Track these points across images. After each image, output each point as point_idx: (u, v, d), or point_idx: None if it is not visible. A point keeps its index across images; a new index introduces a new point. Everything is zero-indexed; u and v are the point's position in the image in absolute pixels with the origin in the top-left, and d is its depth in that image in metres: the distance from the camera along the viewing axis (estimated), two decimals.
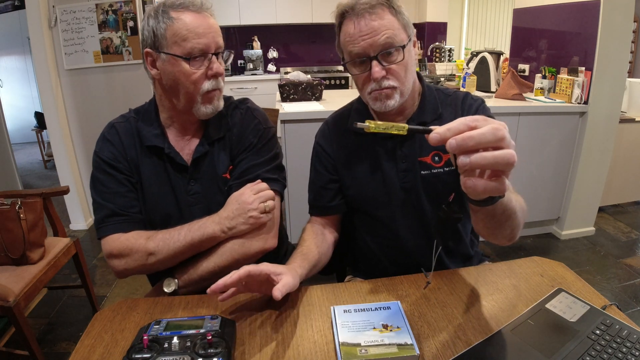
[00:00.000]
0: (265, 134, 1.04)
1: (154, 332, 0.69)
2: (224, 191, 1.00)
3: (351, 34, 0.88)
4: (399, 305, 0.78)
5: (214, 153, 1.00)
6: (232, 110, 1.05)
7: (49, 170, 4.50)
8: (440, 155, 0.99)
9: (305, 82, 2.52)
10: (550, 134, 2.46)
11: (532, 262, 0.96)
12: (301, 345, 0.72)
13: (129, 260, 0.90)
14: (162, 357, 0.62)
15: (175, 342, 0.65)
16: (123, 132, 0.99)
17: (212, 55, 0.91)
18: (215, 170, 1.00)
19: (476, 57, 2.84)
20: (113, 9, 2.56)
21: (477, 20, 5.07)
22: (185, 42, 0.87)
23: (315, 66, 5.08)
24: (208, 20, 0.90)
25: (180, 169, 0.98)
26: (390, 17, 0.88)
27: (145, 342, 0.64)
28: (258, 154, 1.01)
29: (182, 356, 0.62)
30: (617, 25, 2.25)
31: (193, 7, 0.89)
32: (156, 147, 0.97)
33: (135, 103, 1.08)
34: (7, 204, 1.52)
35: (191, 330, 0.69)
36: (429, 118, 0.99)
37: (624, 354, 0.66)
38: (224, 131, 1.02)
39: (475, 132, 0.52)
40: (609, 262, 2.42)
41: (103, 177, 0.95)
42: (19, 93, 5.47)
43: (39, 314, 1.97)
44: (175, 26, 0.87)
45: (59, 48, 2.61)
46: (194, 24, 0.88)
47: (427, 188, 0.99)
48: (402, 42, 0.89)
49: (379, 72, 0.88)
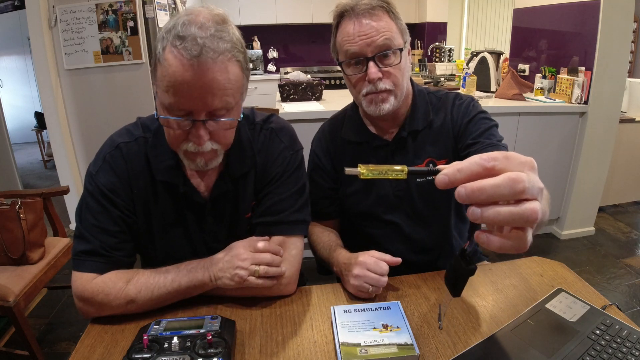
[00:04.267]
0: (292, 161, 0.89)
1: (154, 332, 0.68)
2: (246, 232, 0.89)
3: (350, 33, 0.88)
4: (399, 305, 0.78)
5: (238, 191, 0.87)
6: (258, 133, 0.89)
7: (49, 170, 4.50)
8: (435, 162, 0.99)
9: (305, 82, 2.52)
10: (550, 134, 2.45)
11: (532, 262, 0.96)
12: (301, 345, 0.72)
13: (104, 308, 0.76)
14: (162, 357, 0.62)
15: (175, 342, 0.65)
16: (130, 157, 0.83)
17: (193, 122, 0.71)
18: (237, 210, 0.88)
19: (476, 57, 2.84)
20: (113, 9, 2.56)
21: (477, 20, 5.06)
22: (166, 95, 0.69)
23: (315, 66, 5.07)
24: (203, 77, 0.66)
25: (196, 207, 0.86)
26: (389, 21, 0.89)
27: (145, 342, 0.64)
28: (283, 186, 0.88)
29: (182, 356, 0.62)
30: (617, 25, 2.24)
31: (188, 51, 0.65)
32: (170, 182, 0.83)
33: (135, 103, 1.06)
34: (7, 204, 1.52)
35: (191, 330, 0.69)
36: (420, 125, 0.99)
37: (624, 354, 0.66)
38: (250, 165, 0.87)
39: (488, 184, 0.39)
40: (609, 262, 2.42)
41: (94, 207, 0.80)
42: (19, 93, 5.47)
43: (39, 314, 1.97)
44: (160, 69, 0.69)
45: (59, 48, 2.61)
46: (176, 77, 0.66)
47: (423, 195, 1.00)
48: (399, 45, 0.89)
49: (375, 74, 0.87)
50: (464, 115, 0.98)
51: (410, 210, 1.02)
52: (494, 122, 0.97)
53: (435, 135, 1.00)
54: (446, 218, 1.04)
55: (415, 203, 1.01)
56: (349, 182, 1.04)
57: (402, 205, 1.02)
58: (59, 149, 2.75)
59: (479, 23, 5.05)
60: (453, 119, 0.99)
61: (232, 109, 0.74)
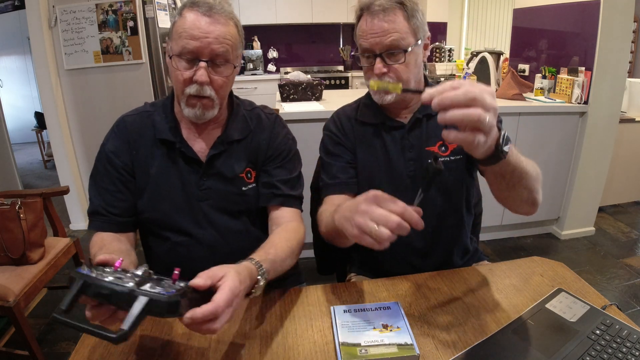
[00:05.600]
0: (293, 146, 1.07)
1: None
2: (240, 190, 1.00)
3: (363, 30, 0.96)
4: (399, 305, 0.78)
5: (231, 153, 1.00)
6: (256, 113, 1.05)
7: (49, 170, 4.50)
8: (447, 146, 1.03)
9: (305, 82, 2.52)
10: (550, 134, 2.45)
11: (532, 262, 0.97)
12: (301, 345, 0.72)
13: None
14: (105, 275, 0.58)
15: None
16: (132, 125, 0.99)
17: (198, 62, 0.87)
18: (232, 169, 0.99)
19: (476, 57, 2.84)
20: (113, 9, 2.56)
21: (477, 20, 5.06)
22: (179, 40, 0.87)
23: (315, 66, 5.07)
24: (212, 24, 0.87)
25: (193, 164, 0.97)
26: (402, 21, 0.93)
27: (118, 265, 0.61)
28: (286, 167, 1.03)
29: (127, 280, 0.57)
30: (617, 25, 2.24)
31: (201, 8, 0.87)
32: (168, 140, 0.96)
33: (135, 103, 1.08)
34: (7, 204, 1.52)
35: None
36: (432, 110, 0.99)
37: (624, 354, 0.66)
38: (244, 134, 1.01)
39: (451, 93, 0.58)
40: (609, 262, 2.42)
41: (100, 169, 0.96)
42: (19, 93, 5.47)
43: (39, 314, 1.97)
44: (178, 22, 0.89)
45: (59, 48, 2.61)
46: (192, 25, 0.87)
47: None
48: (407, 45, 0.94)
49: (380, 69, 0.95)
50: None
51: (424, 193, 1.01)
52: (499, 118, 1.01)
53: None
54: (459, 210, 1.05)
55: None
56: (364, 162, 1.06)
57: (414, 185, 1.01)
58: (59, 149, 2.75)
59: (479, 23, 5.05)
60: None
61: (229, 60, 0.90)
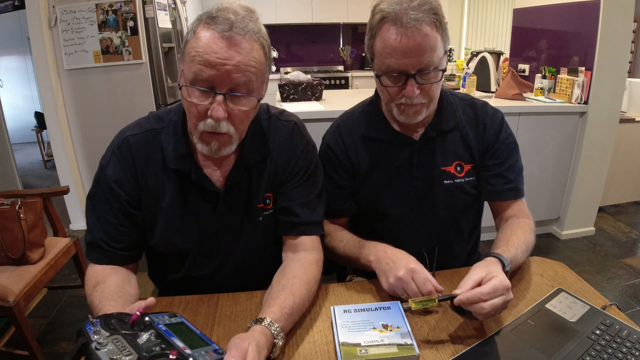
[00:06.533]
0: (313, 157, 0.93)
1: (159, 320, 0.62)
2: (257, 222, 0.90)
3: (393, 47, 0.81)
4: (399, 305, 0.78)
5: (251, 180, 0.88)
6: (274, 125, 0.91)
7: (49, 170, 4.50)
8: (462, 165, 1.00)
9: (305, 82, 2.52)
10: (550, 134, 2.45)
11: (532, 262, 0.96)
12: (301, 345, 0.72)
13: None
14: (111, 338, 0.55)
15: (147, 337, 0.57)
16: (137, 147, 0.84)
17: (215, 94, 0.72)
18: (251, 199, 0.89)
19: (476, 57, 2.84)
20: (113, 9, 2.56)
21: (477, 20, 5.06)
22: (192, 65, 0.72)
23: (315, 66, 5.07)
24: (232, 48, 0.71)
25: (210, 195, 0.86)
26: (436, 35, 0.82)
27: (134, 317, 0.59)
28: (305, 186, 0.90)
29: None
30: (617, 25, 2.24)
31: (219, 26, 0.71)
32: (181, 170, 0.84)
33: (135, 103, 1.06)
34: (7, 204, 1.51)
35: (180, 343, 0.59)
36: (448, 126, 0.99)
37: (624, 354, 0.66)
38: (264, 153, 0.88)
39: (489, 305, 0.69)
40: (609, 262, 2.41)
41: (101, 196, 0.84)
42: (19, 93, 5.46)
43: (39, 314, 1.97)
44: (191, 42, 0.73)
45: (59, 48, 2.61)
46: (206, 47, 0.70)
47: (446, 197, 1.00)
48: (442, 64, 0.85)
49: (414, 92, 0.84)
50: (498, 131, 1.00)
51: (430, 212, 1.01)
52: (518, 151, 1.04)
53: (464, 139, 1.00)
54: (457, 220, 1.05)
55: (436, 203, 1.01)
56: (367, 179, 1.02)
57: (421, 205, 1.01)
58: (59, 149, 2.75)
59: (479, 23, 5.05)
60: (486, 127, 1.00)
61: (252, 91, 0.76)
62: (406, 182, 1.00)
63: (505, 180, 1.00)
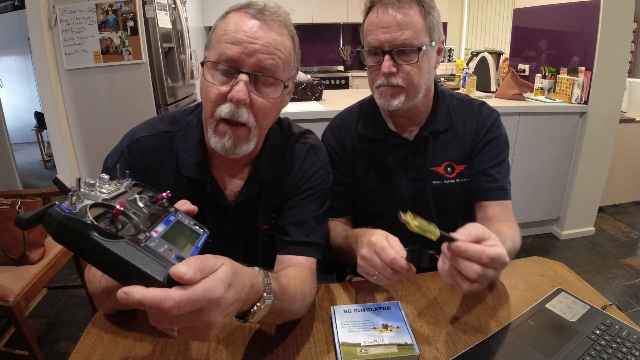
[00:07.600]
0: (324, 182, 0.87)
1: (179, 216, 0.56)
2: (261, 241, 0.87)
3: (372, 23, 0.85)
4: (399, 305, 0.78)
5: (260, 197, 0.84)
6: (293, 144, 0.88)
7: (49, 170, 4.50)
8: (453, 166, 0.99)
9: (305, 82, 2.52)
10: (550, 134, 2.45)
11: (532, 262, 0.96)
12: (301, 345, 0.72)
13: (97, 299, 0.75)
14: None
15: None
16: (150, 151, 0.79)
17: (239, 74, 0.68)
18: (257, 220, 0.86)
19: (476, 57, 2.84)
20: (113, 9, 2.56)
21: (477, 20, 5.06)
22: (218, 45, 0.70)
23: (315, 66, 5.07)
24: (262, 29, 0.69)
25: (219, 209, 0.82)
26: (417, 16, 0.84)
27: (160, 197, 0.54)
28: (304, 207, 0.84)
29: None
30: (617, 25, 2.24)
31: (251, 9, 0.71)
32: (195, 179, 0.79)
33: (135, 103, 1.05)
34: (7, 204, 1.52)
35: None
36: (441, 126, 0.98)
37: (624, 354, 0.66)
38: (278, 171, 0.84)
39: (488, 273, 0.60)
40: (609, 262, 2.42)
41: None
42: (19, 93, 5.46)
43: (39, 314, 1.97)
44: (219, 25, 0.72)
45: (59, 48, 2.61)
46: (235, 26, 0.69)
47: (436, 198, 1.00)
48: (421, 44, 0.85)
49: (388, 68, 0.85)
50: (489, 130, 0.99)
51: (424, 211, 1.01)
52: (507, 152, 1.00)
53: (458, 140, 0.99)
54: (454, 222, 1.04)
55: (429, 205, 1.01)
56: (363, 179, 1.02)
57: (415, 206, 1.01)
58: (59, 149, 2.75)
59: (479, 23, 5.05)
60: (479, 127, 0.99)
61: (278, 79, 0.72)
62: (401, 183, 1.00)
63: (490, 179, 0.97)
